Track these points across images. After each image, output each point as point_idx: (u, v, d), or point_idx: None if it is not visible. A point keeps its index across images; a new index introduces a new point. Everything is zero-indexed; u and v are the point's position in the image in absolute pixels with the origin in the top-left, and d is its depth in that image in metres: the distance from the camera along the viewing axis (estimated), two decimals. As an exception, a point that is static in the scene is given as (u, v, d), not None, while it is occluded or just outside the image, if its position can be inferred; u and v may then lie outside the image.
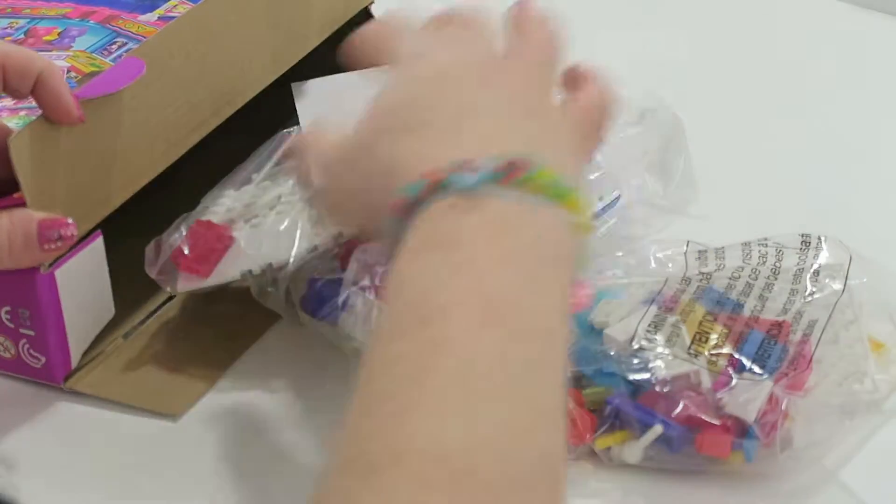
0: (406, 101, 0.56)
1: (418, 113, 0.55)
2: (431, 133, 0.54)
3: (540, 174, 0.50)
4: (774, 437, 0.63)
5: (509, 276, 0.49)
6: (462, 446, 0.44)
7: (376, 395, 0.46)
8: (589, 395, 0.66)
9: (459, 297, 0.47)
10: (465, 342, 0.46)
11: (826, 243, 0.72)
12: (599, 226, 0.75)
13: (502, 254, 0.49)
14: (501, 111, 0.55)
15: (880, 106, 0.91)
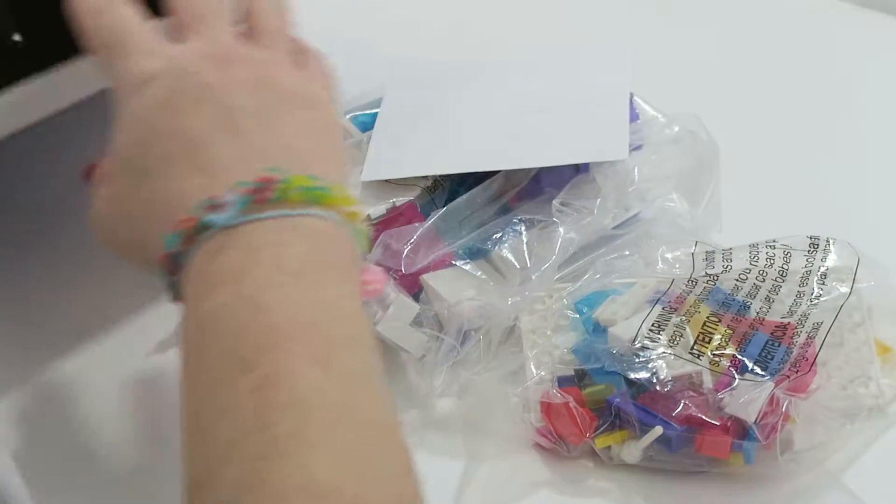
0: (139, 143, 0.54)
1: (153, 152, 0.53)
2: (172, 171, 0.52)
3: (290, 184, 0.50)
4: (774, 438, 0.63)
5: (300, 297, 0.49)
6: (332, 478, 0.45)
7: (226, 441, 0.46)
8: (590, 394, 0.66)
9: (269, 337, 0.47)
10: (292, 380, 0.47)
11: (834, 246, 0.72)
12: (618, 237, 0.75)
13: (285, 279, 0.49)
14: (236, 123, 0.53)
15: (880, 106, 0.91)
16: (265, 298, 0.48)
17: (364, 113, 0.80)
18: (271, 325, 0.48)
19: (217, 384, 0.47)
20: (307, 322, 0.48)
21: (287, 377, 0.47)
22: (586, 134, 0.75)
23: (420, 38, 0.97)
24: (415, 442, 0.67)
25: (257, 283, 0.48)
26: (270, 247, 0.49)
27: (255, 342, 0.47)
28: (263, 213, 0.50)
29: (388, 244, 0.71)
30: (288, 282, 0.49)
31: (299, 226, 0.50)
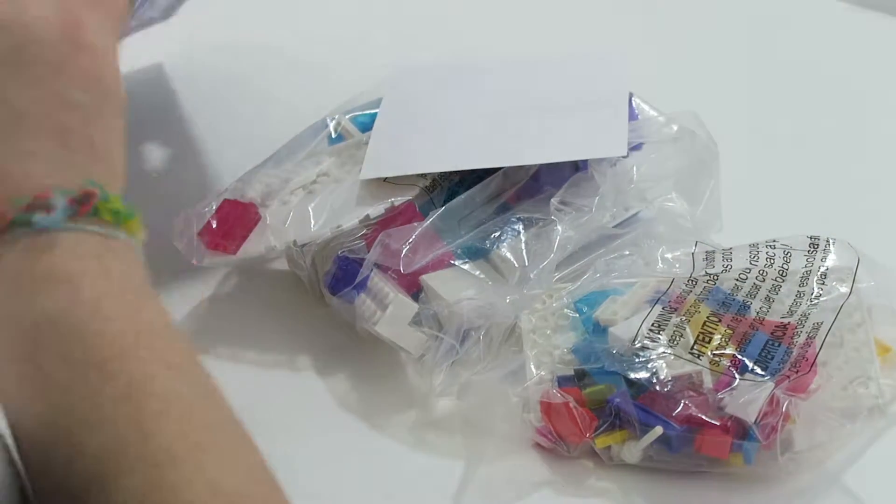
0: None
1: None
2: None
3: (107, 203, 0.49)
4: (774, 438, 0.63)
5: (133, 309, 0.48)
6: (235, 482, 0.46)
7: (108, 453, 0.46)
8: (590, 394, 0.66)
9: (119, 344, 0.47)
10: (156, 390, 0.47)
11: (834, 246, 0.71)
12: (618, 237, 0.75)
13: (115, 290, 0.48)
14: (48, 112, 0.50)
15: (880, 106, 0.91)
16: (105, 306, 0.48)
17: (364, 113, 0.80)
18: (118, 333, 0.47)
19: (73, 394, 0.46)
20: (149, 331, 0.48)
21: (149, 383, 0.47)
22: (585, 131, 0.75)
23: (420, 40, 0.97)
24: (414, 442, 0.68)
25: (95, 290, 0.48)
26: (95, 259, 0.48)
27: (108, 351, 0.47)
28: (87, 226, 0.48)
29: (386, 244, 0.71)
30: (118, 293, 0.48)
31: (112, 244, 0.49)
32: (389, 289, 0.70)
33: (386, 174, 0.74)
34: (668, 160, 0.77)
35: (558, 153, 0.74)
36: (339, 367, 0.72)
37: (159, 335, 0.49)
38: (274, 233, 0.73)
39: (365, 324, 0.70)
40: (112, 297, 0.48)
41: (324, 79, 0.94)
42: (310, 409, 0.71)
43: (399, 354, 0.71)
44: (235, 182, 0.76)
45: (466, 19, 1.01)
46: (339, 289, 0.71)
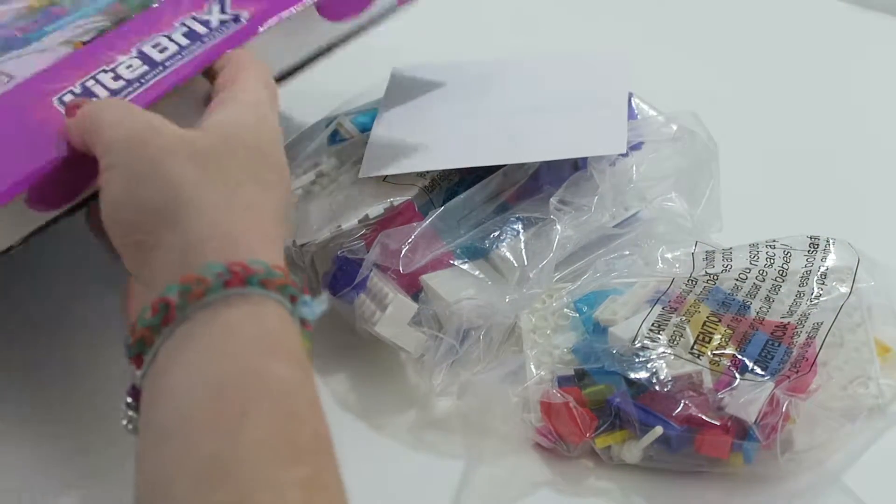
0: (254, 142, 0.58)
1: (257, 161, 0.57)
2: (246, 204, 0.55)
3: (273, 278, 0.53)
4: (775, 438, 0.63)
5: (321, 420, 0.51)
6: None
7: None
8: (590, 394, 0.66)
9: (315, 438, 0.50)
10: (334, 488, 0.50)
11: (834, 246, 0.72)
12: (618, 237, 0.75)
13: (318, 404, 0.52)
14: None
15: (880, 106, 0.91)
16: (317, 406, 0.51)
17: (364, 113, 0.80)
18: (317, 431, 0.50)
19: (264, 451, 0.48)
20: (330, 443, 0.51)
21: (328, 489, 0.49)
22: (585, 129, 0.76)
23: (420, 40, 0.97)
24: (414, 442, 0.68)
25: (312, 387, 0.52)
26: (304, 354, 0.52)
27: (308, 441, 0.49)
28: (272, 294, 0.52)
29: (386, 244, 0.71)
30: (318, 404, 0.52)
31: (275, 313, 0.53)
32: (389, 289, 0.70)
33: (385, 172, 0.74)
34: (668, 160, 0.78)
35: (558, 151, 0.74)
36: (339, 367, 0.72)
37: (332, 449, 0.51)
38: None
39: (364, 324, 0.70)
40: (317, 406, 0.52)
41: (324, 79, 0.94)
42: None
43: (399, 354, 0.71)
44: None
45: (466, 20, 1.01)
46: (338, 289, 0.71)
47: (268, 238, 0.54)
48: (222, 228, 0.54)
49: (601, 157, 0.74)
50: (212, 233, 0.53)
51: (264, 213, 0.55)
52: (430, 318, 0.70)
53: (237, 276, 0.51)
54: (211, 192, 0.54)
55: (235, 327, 0.51)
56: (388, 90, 0.81)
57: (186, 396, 0.49)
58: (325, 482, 0.49)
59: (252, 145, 0.57)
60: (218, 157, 0.56)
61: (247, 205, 0.55)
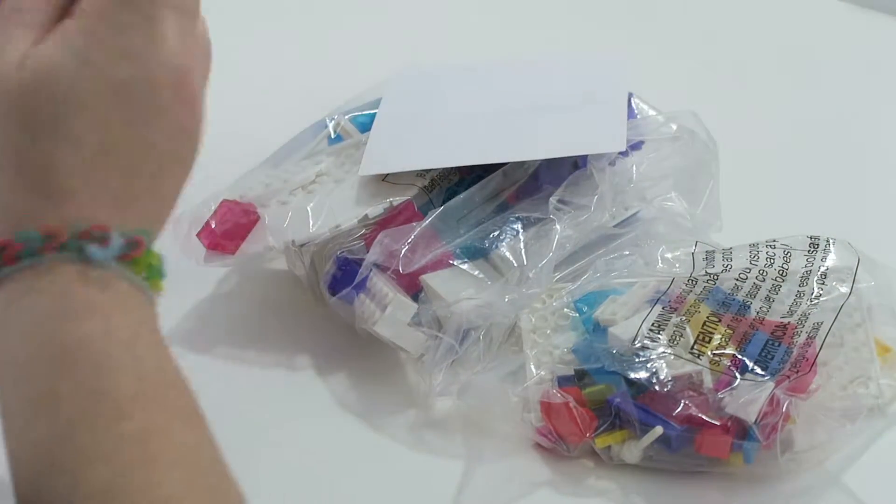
0: (69, 86, 0.49)
1: (71, 102, 0.49)
2: (68, 149, 0.49)
3: (146, 258, 0.49)
4: (775, 438, 0.63)
5: (160, 356, 0.49)
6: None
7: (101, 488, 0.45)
8: (590, 394, 0.66)
9: (142, 388, 0.47)
10: (170, 439, 0.47)
11: (834, 246, 0.72)
12: (618, 237, 0.75)
13: (146, 335, 0.49)
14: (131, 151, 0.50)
15: (880, 106, 0.91)
16: (135, 348, 0.48)
17: (363, 113, 0.80)
18: (142, 375, 0.47)
19: (81, 425, 0.46)
20: (173, 381, 0.49)
21: (166, 431, 0.47)
22: (584, 127, 0.76)
23: (420, 41, 0.97)
24: (414, 442, 0.68)
25: (129, 329, 0.48)
26: (131, 300, 0.49)
27: (130, 390, 0.47)
28: (125, 271, 0.48)
29: (385, 244, 0.71)
30: (146, 339, 0.49)
31: (139, 295, 0.49)
32: (389, 289, 0.70)
33: (385, 170, 0.74)
34: (668, 159, 0.78)
35: (557, 148, 0.74)
36: (339, 367, 0.72)
37: (180, 387, 0.49)
38: (273, 233, 0.73)
39: (364, 324, 0.70)
40: (143, 340, 0.48)
41: (323, 79, 0.94)
42: (309, 409, 0.71)
43: (399, 354, 0.71)
44: (235, 182, 0.76)
45: (467, 20, 1.01)
46: (338, 289, 0.71)
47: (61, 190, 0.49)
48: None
49: (601, 156, 0.74)
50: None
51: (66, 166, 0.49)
52: (429, 318, 0.70)
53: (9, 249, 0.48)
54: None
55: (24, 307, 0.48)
56: (388, 90, 0.81)
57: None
58: (160, 428, 0.47)
59: (68, 90, 0.49)
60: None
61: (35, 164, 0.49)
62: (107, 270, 0.48)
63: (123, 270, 0.48)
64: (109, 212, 0.49)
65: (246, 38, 1.00)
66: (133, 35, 0.49)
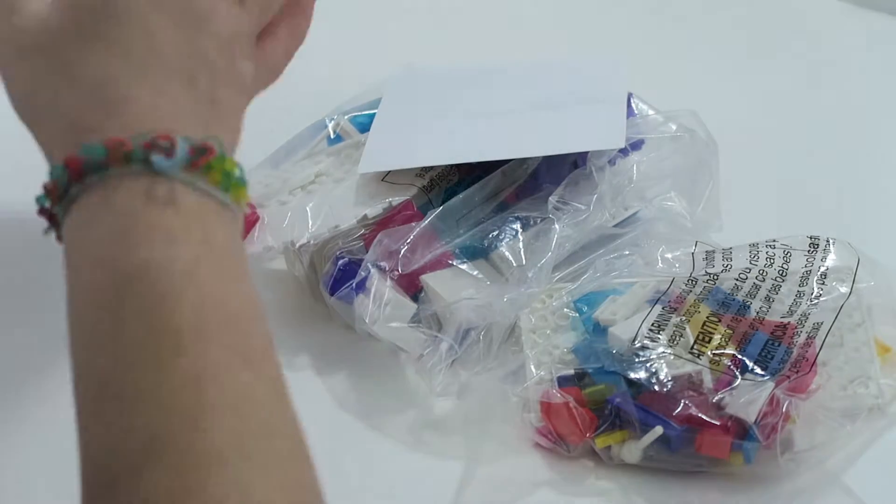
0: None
1: (110, 14, 0.50)
2: (118, 58, 0.49)
3: (220, 163, 0.47)
4: (775, 438, 0.63)
5: (228, 285, 0.47)
6: (268, 498, 0.44)
7: (151, 435, 0.43)
8: (590, 394, 0.66)
9: (202, 322, 0.45)
10: (226, 381, 0.45)
11: (834, 246, 0.72)
12: (618, 237, 0.75)
13: (215, 259, 0.46)
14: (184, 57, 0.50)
15: (880, 106, 0.91)
16: (199, 274, 0.45)
17: (363, 114, 0.80)
18: (206, 307, 0.45)
19: (139, 359, 0.44)
20: (237, 315, 0.46)
21: (221, 374, 0.44)
22: (583, 125, 0.76)
23: (420, 41, 0.97)
24: (414, 442, 0.68)
25: (193, 254, 0.46)
26: (199, 219, 0.47)
27: (188, 323, 0.44)
28: (197, 181, 0.47)
29: (385, 244, 0.71)
30: (215, 264, 0.46)
31: (219, 208, 0.47)
32: (388, 289, 0.69)
33: (384, 168, 0.74)
34: (668, 159, 0.78)
35: (556, 146, 0.74)
36: (338, 367, 0.72)
37: (246, 322, 0.46)
38: (272, 233, 0.73)
39: (364, 324, 0.70)
40: (208, 267, 0.46)
41: (323, 79, 0.94)
42: (308, 409, 0.70)
43: (398, 354, 0.71)
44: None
45: (466, 20, 1.01)
46: (337, 289, 0.71)
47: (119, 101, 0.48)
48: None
49: (601, 155, 0.74)
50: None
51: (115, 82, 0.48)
52: (429, 318, 0.70)
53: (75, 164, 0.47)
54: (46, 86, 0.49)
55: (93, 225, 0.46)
56: (388, 90, 0.81)
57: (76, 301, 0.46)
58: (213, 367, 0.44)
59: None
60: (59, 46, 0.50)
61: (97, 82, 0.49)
62: (174, 182, 0.46)
63: (194, 180, 0.46)
64: (172, 119, 0.48)
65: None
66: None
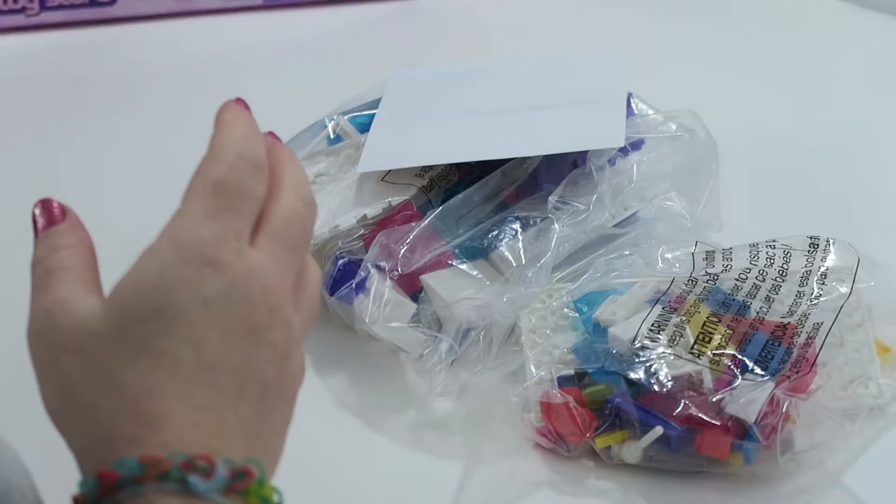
0: (156, 304, 0.46)
1: (161, 327, 0.46)
2: (164, 371, 0.46)
3: (258, 488, 0.45)
4: (775, 438, 0.63)
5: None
6: None
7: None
8: (590, 394, 0.66)
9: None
10: None
11: (834, 246, 0.72)
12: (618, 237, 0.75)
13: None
14: (256, 388, 0.47)
15: (880, 106, 0.91)
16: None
17: (363, 114, 0.80)
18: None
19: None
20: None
21: None
22: (583, 124, 0.76)
23: (420, 41, 0.97)
24: (414, 442, 0.68)
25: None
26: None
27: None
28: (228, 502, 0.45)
29: (385, 244, 0.71)
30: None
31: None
32: (388, 289, 0.69)
33: (384, 167, 0.74)
34: (667, 159, 0.78)
35: (556, 145, 0.74)
36: (339, 367, 0.72)
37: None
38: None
39: (363, 324, 0.70)
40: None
41: (323, 79, 0.94)
42: (309, 409, 0.70)
43: (398, 354, 0.71)
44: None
45: (466, 20, 1.01)
46: (337, 289, 0.71)
47: (151, 416, 0.45)
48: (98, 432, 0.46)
49: (601, 155, 0.74)
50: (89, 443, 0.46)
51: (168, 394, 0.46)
52: (429, 318, 0.70)
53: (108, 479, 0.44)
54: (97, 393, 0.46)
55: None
56: (387, 91, 0.81)
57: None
58: None
59: (155, 308, 0.46)
60: (111, 344, 0.46)
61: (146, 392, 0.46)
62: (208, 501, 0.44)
63: (221, 500, 0.44)
64: (215, 437, 0.46)
65: (245, 38, 1.00)
66: (222, 248, 0.47)
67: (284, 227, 0.49)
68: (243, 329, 0.47)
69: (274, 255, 0.48)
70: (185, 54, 1.00)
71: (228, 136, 0.48)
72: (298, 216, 0.49)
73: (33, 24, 1.01)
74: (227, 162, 0.48)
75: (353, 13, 1.02)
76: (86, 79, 0.98)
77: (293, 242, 0.49)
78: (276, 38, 1.02)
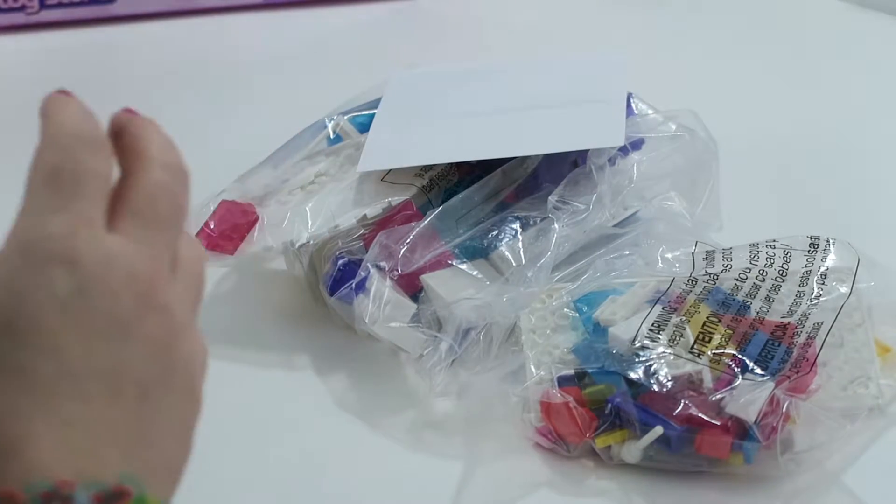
0: (5, 318, 0.41)
1: (13, 338, 0.41)
2: (21, 388, 0.41)
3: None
4: (775, 438, 0.63)
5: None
6: None
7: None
8: (590, 394, 0.66)
9: None
10: None
11: (834, 246, 0.71)
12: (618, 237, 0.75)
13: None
14: (121, 389, 0.42)
15: (880, 106, 0.91)
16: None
17: (363, 114, 0.80)
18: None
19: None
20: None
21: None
22: (582, 123, 0.76)
23: (420, 42, 0.97)
24: (414, 442, 0.68)
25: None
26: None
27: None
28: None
29: (384, 244, 0.71)
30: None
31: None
32: (388, 289, 0.69)
33: (383, 167, 0.74)
34: (667, 159, 0.78)
35: (555, 144, 0.74)
36: (338, 367, 0.72)
37: None
38: (271, 233, 0.73)
39: (363, 324, 0.70)
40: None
41: (322, 79, 0.94)
42: (308, 409, 0.70)
43: (398, 354, 0.71)
44: (233, 183, 0.76)
45: (466, 20, 1.01)
46: (337, 289, 0.71)
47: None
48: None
49: (601, 154, 0.74)
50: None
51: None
52: (429, 318, 0.70)
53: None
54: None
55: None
56: (387, 91, 0.81)
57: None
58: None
59: (4, 323, 0.41)
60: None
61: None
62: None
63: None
64: (84, 456, 0.41)
65: (245, 38, 1.00)
66: (71, 240, 0.42)
67: (149, 204, 0.44)
68: (108, 326, 0.42)
69: (137, 236, 0.43)
70: (184, 53, 1.00)
71: (56, 120, 0.44)
72: (164, 188, 0.44)
73: (33, 22, 1.02)
74: (61, 145, 0.43)
75: (354, 13, 1.02)
76: (85, 77, 0.97)
77: (161, 218, 0.44)
78: (276, 37, 1.02)
